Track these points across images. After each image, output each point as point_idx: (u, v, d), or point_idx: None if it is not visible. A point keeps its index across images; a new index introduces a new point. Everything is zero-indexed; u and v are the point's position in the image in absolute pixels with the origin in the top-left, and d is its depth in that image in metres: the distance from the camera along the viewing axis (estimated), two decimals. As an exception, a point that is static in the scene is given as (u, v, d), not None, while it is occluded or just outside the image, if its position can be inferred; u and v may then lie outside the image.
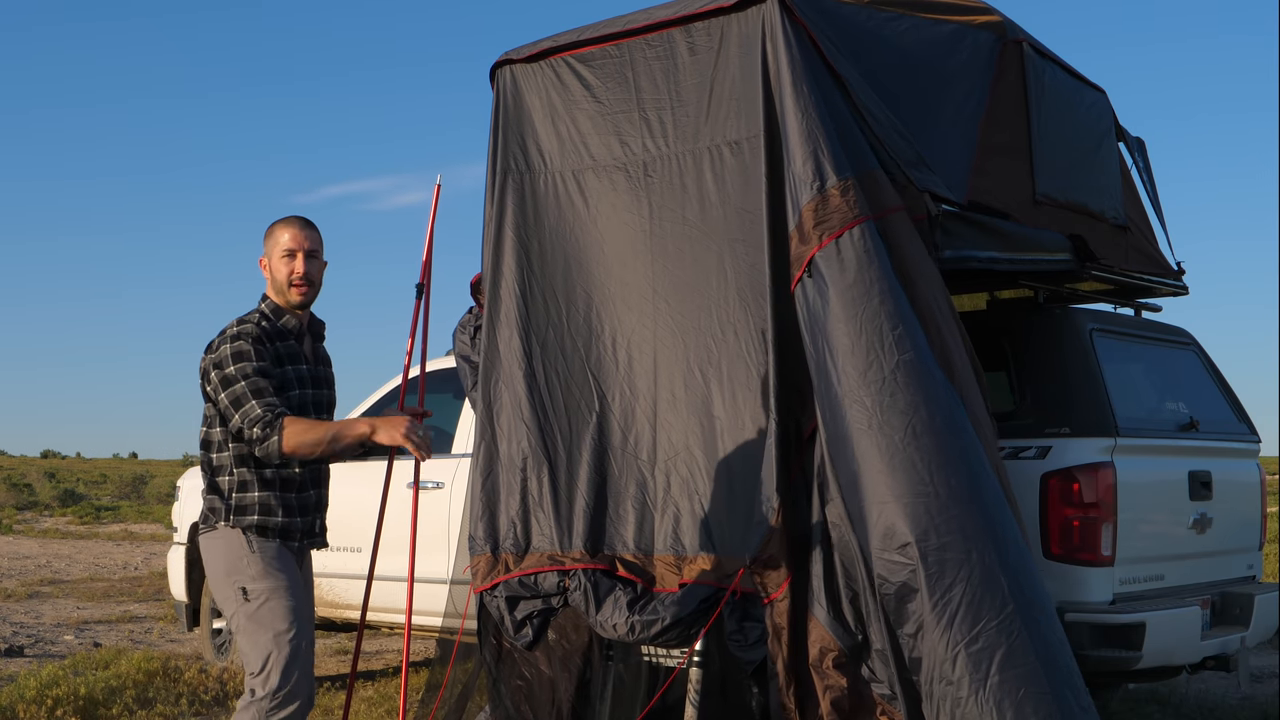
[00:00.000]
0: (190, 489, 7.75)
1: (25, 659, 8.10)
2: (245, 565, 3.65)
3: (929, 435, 3.78)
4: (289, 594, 3.64)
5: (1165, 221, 6.09)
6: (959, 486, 3.75)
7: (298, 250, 3.79)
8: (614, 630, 4.36)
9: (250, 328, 3.70)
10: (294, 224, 3.83)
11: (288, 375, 3.75)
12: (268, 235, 3.86)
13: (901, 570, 3.74)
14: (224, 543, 3.69)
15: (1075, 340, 4.84)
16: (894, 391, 3.82)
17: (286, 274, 3.79)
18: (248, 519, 3.67)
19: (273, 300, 3.84)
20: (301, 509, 3.77)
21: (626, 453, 4.55)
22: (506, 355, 4.83)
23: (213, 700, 6.50)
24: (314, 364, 3.90)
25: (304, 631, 3.63)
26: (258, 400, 3.57)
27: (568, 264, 4.76)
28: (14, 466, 45.38)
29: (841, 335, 3.91)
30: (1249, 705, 6.27)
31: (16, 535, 20.85)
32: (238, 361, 3.63)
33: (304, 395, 3.79)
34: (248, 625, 3.62)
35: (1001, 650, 3.60)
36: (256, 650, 3.60)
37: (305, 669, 3.61)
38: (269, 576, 3.63)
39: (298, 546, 3.78)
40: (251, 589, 3.63)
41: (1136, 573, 4.70)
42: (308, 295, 3.83)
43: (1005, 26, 4.98)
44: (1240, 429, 5.69)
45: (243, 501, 3.68)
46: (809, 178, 4.03)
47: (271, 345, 3.73)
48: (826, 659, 3.92)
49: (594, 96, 4.70)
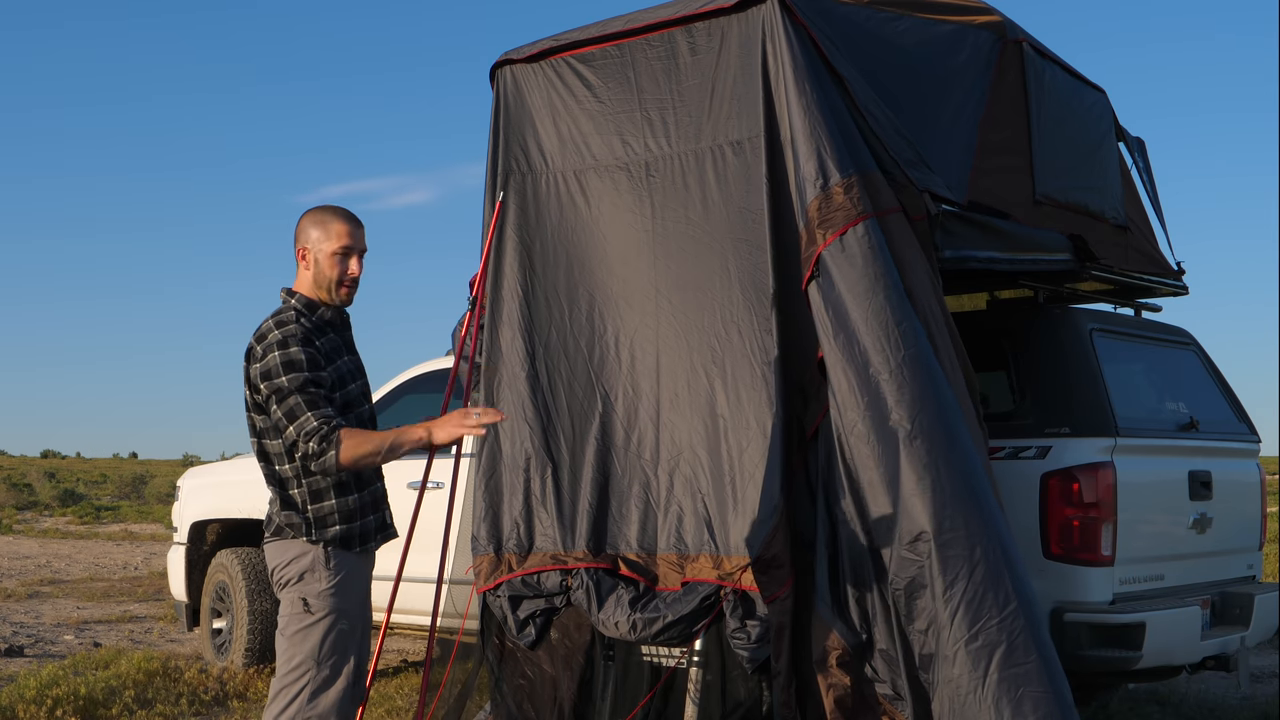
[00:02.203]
0: (190, 489, 7.75)
1: (25, 659, 8.10)
2: (316, 580, 3.54)
3: (934, 430, 3.80)
4: (347, 619, 3.56)
5: (1165, 221, 6.10)
6: (962, 482, 3.77)
7: (354, 249, 3.62)
8: (616, 628, 4.37)
9: (294, 329, 3.51)
10: (349, 220, 3.64)
11: (344, 369, 3.62)
12: (313, 224, 3.63)
13: (911, 566, 3.76)
14: (295, 553, 3.57)
15: (1075, 340, 4.84)
16: (900, 385, 3.84)
17: (340, 274, 3.61)
18: (330, 532, 3.54)
19: (304, 295, 3.64)
20: (375, 504, 3.66)
21: (629, 452, 4.55)
22: (509, 356, 4.83)
23: (213, 700, 6.50)
24: (352, 354, 3.78)
25: (348, 658, 3.55)
26: (313, 413, 3.40)
27: (570, 264, 4.77)
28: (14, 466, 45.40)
29: (850, 331, 3.94)
30: (1249, 705, 6.27)
31: (16, 535, 20.85)
32: (289, 371, 3.43)
33: (353, 389, 3.66)
34: (298, 634, 3.54)
35: (1002, 648, 3.61)
36: (293, 661, 3.54)
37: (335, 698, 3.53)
38: (336, 597, 3.54)
39: (373, 546, 3.68)
40: (315, 604, 3.53)
41: (1136, 573, 4.70)
42: (352, 296, 3.68)
43: (1005, 26, 4.99)
44: (1240, 429, 5.69)
45: (320, 512, 3.54)
46: (813, 176, 4.05)
47: (318, 343, 3.56)
48: (831, 657, 3.93)
49: (595, 96, 4.70)
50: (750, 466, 4.20)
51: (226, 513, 7.39)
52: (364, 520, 3.63)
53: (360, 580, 3.64)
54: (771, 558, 4.00)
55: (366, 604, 3.72)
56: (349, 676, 3.57)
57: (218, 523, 7.56)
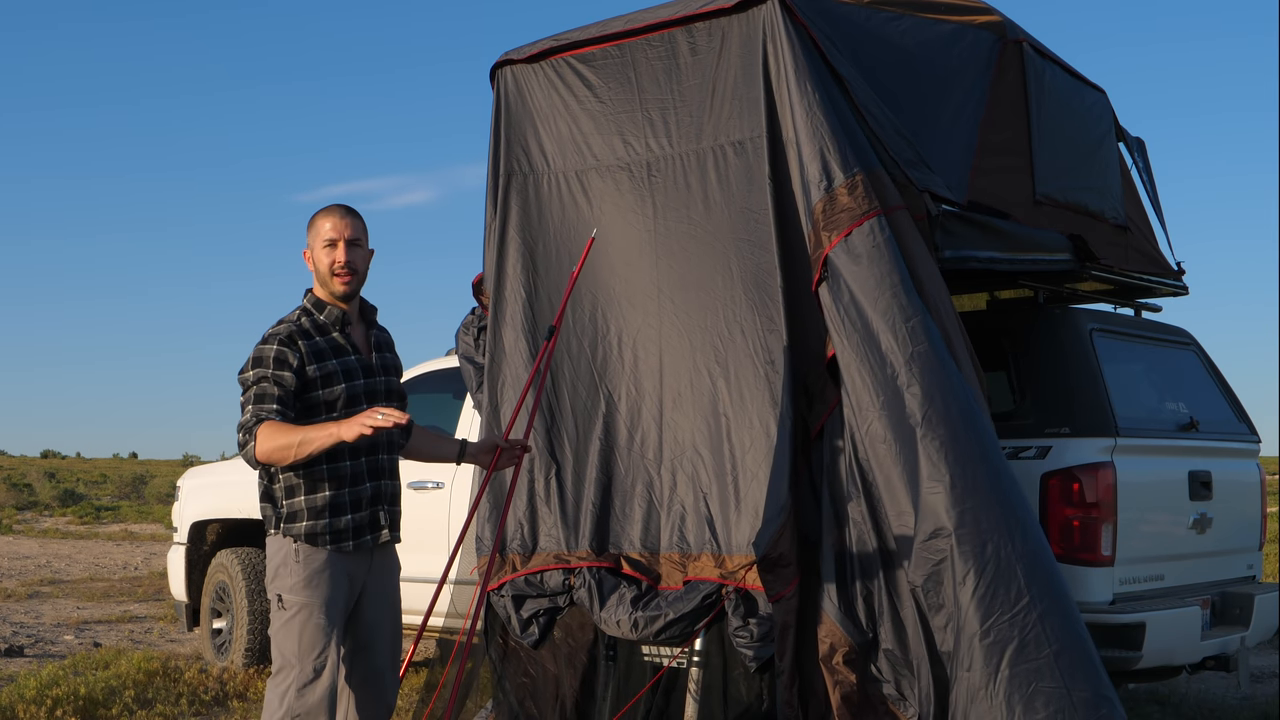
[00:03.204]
0: (190, 489, 7.75)
1: (25, 659, 8.10)
2: (287, 574, 3.61)
3: (945, 426, 3.81)
4: (322, 612, 3.59)
5: (1165, 221, 6.10)
6: (975, 478, 3.78)
7: (338, 239, 3.68)
8: (618, 627, 4.37)
9: (283, 329, 3.61)
10: (335, 212, 3.72)
11: (332, 369, 3.64)
12: (310, 226, 3.74)
13: (926, 563, 3.76)
14: (274, 548, 3.66)
15: (1075, 340, 4.84)
16: (910, 383, 3.85)
17: (329, 264, 3.67)
18: (297, 526, 3.59)
19: (314, 294, 3.73)
20: (354, 505, 3.65)
21: (633, 452, 4.56)
22: (512, 356, 4.84)
23: (213, 700, 6.50)
24: (368, 353, 3.78)
25: (329, 651, 3.58)
26: (252, 407, 3.49)
27: (572, 264, 4.76)
28: (14, 466, 45.39)
29: (860, 329, 3.95)
30: (1249, 705, 6.27)
31: (16, 535, 20.84)
32: (254, 367, 3.55)
33: (355, 387, 3.66)
34: (279, 631, 3.63)
35: (1013, 644, 3.61)
36: (281, 658, 3.62)
37: (323, 692, 3.56)
38: (306, 590, 3.59)
39: (353, 546, 3.67)
40: (288, 599, 3.60)
41: (1136, 573, 4.70)
42: (351, 285, 3.69)
43: (1005, 26, 4.99)
44: (1240, 429, 5.70)
45: (292, 508, 3.60)
46: (817, 178, 4.06)
47: (310, 341, 3.62)
48: (837, 655, 3.94)
49: (596, 96, 4.71)
50: (753, 466, 4.21)
51: (226, 513, 7.40)
52: (335, 519, 3.62)
53: (338, 576, 3.64)
54: (778, 557, 4.00)
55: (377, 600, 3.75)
56: (334, 671, 3.59)
57: (218, 523, 7.57)
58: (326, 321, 3.70)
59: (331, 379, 3.63)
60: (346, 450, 3.61)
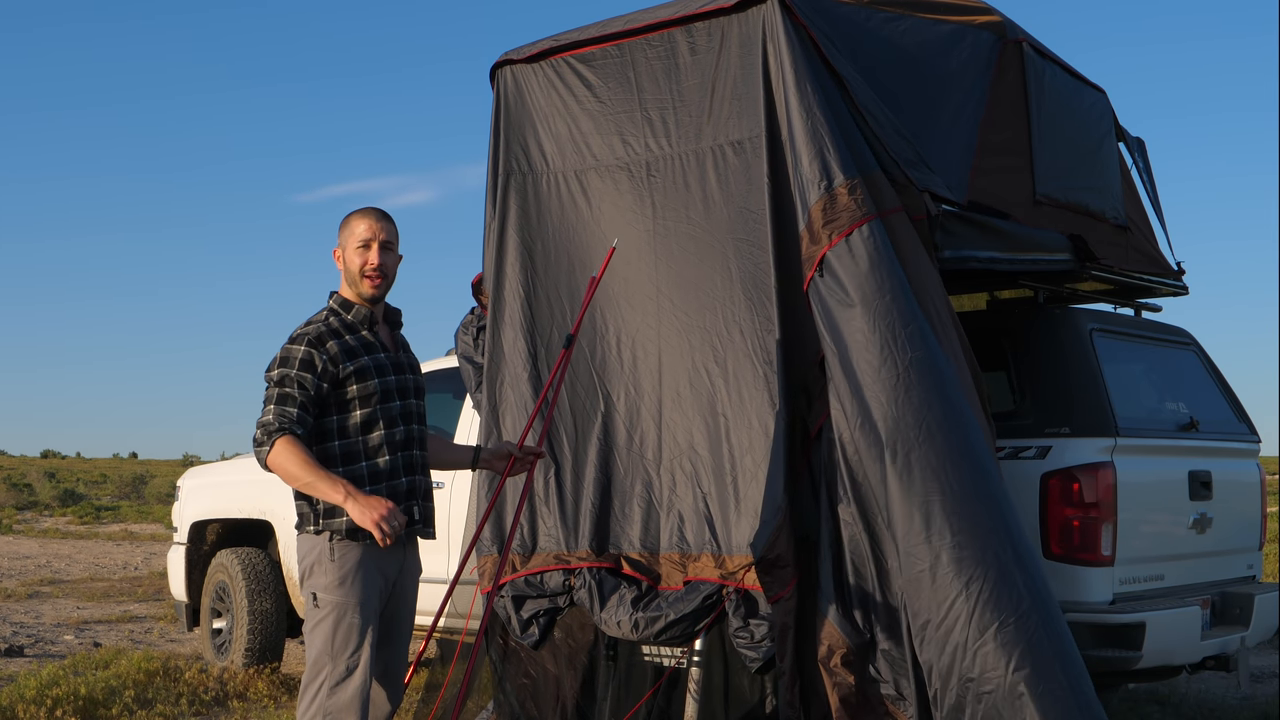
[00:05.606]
0: (190, 489, 7.75)
1: (25, 659, 8.10)
2: (321, 573, 3.62)
3: (942, 433, 3.81)
4: (357, 611, 3.59)
5: (1165, 221, 6.10)
6: (972, 483, 3.78)
7: (373, 241, 3.71)
8: (618, 628, 4.37)
9: (312, 329, 3.65)
10: (370, 215, 3.75)
11: (365, 364, 3.66)
12: (343, 226, 3.78)
13: (917, 566, 3.75)
14: (306, 547, 3.66)
15: (1075, 340, 4.84)
16: (908, 388, 3.85)
17: (360, 265, 3.70)
18: (338, 520, 3.58)
19: (341, 295, 3.77)
20: (394, 499, 3.66)
21: (632, 452, 4.56)
22: (511, 356, 4.84)
23: (213, 700, 6.50)
24: (394, 351, 3.82)
25: (362, 650, 3.58)
26: (275, 407, 3.53)
27: (571, 264, 4.77)
28: (14, 466, 45.38)
29: (855, 333, 3.94)
30: (1249, 705, 6.27)
31: (16, 535, 20.84)
32: (281, 365, 3.59)
33: (387, 383, 3.70)
34: (313, 630, 3.63)
35: (1020, 648, 3.62)
36: (315, 656, 3.62)
37: (354, 690, 3.57)
38: (340, 590, 3.59)
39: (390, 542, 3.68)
40: (322, 598, 3.61)
41: (1136, 573, 4.70)
42: (380, 288, 3.74)
43: (1005, 26, 4.99)
44: (1240, 429, 5.69)
45: (331, 504, 3.59)
46: (816, 177, 4.05)
47: (340, 340, 3.65)
48: (835, 656, 3.94)
49: (596, 96, 4.71)
50: (752, 466, 4.21)
51: (226, 513, 7.39)
52: None
53: (371, 575, 3.65)
54: (775, 558, 4.00)
55: (400, 597, 3.76)
56: (368, 669, 3.59)
57: (218, 523, 7.56)
58: (354, 320, 3.74)
59: (365, 374, 3.67)
60: (384, 446, 3.66)
